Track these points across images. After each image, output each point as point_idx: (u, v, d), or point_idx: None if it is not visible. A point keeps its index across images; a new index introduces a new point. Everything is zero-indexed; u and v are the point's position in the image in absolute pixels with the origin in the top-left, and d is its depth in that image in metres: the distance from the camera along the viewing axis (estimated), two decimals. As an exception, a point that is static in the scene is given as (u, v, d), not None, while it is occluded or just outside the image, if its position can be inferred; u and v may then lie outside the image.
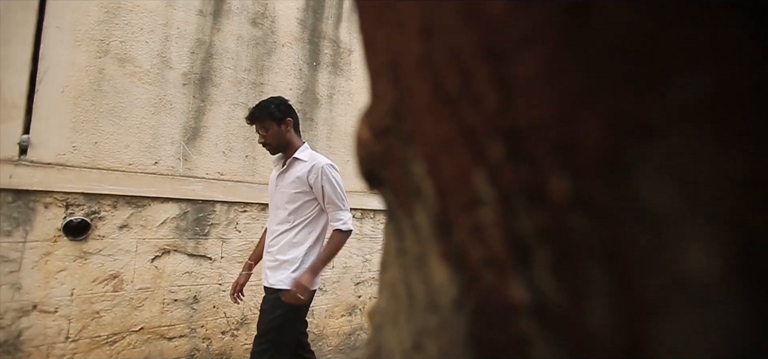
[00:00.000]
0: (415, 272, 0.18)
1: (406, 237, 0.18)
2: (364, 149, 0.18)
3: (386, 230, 0.22)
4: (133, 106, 2.22)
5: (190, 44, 2.45)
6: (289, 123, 1.74)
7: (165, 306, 2.28)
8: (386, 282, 0.22)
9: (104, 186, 2.11)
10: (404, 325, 0.19)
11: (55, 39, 2.03)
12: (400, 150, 0.16)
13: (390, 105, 0.16)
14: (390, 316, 0.21)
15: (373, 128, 0.17)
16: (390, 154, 0.16)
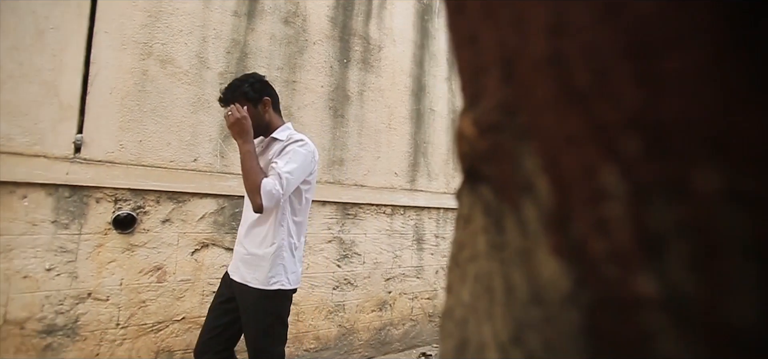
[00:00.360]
0: (517, 266, 0.18)
1: (509, 232, 0.18)
2: (467, 144, 0.18)
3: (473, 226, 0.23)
4: (174, 106, 2.32)
5: (225, 44, 2.53)
6: (266, 102, 1.57)
7: (204, 297, 2.38)
8: (473, 276, 0.23)
9: (148, 182, 2.22)
10: (500, 319, 0.20)
11: (104, 43, 2.15)
12: (510, 145, 0.16)
13: (499, 101, 0.16)
14: (480, 310, 0.21)
15: (478, 124, 0.17)
16: (497, 150, 0.17)
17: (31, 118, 1.96)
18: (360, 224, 3.00)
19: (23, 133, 1.94)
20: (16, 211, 1.93)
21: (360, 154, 3.05)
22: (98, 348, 2.10)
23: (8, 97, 1.92)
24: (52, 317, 2.00)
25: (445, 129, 3.67)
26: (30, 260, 1.95)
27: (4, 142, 1.90)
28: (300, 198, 1.56)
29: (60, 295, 2.01)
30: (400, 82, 3.39)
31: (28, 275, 1.95)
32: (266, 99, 1.58)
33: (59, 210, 2.01)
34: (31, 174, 1.94)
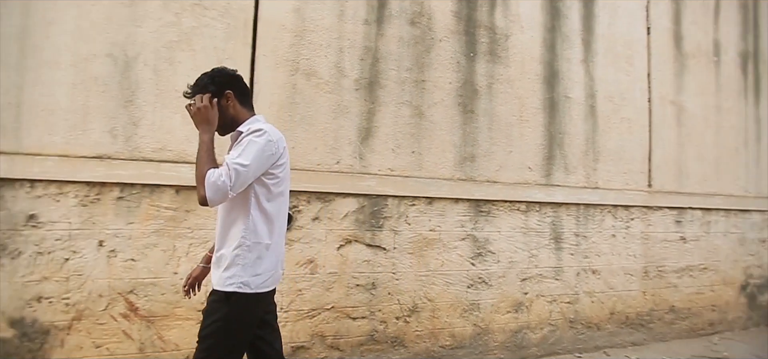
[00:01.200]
0: None
1: None
2: None
3: None
4: (318, 114, 2.56)
5: (359, 52, 2.69)
6: (229, 95, 1.49)
7: (349, 289, 2.57)
8: None
9: (301, 184, 2.49)
10: None
11: (263, 65, 2.49)
12: None
13: None
14: None
15: None
16: None
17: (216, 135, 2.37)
18: (493, 221, 2.89)
19: (211, 146, 2.36)
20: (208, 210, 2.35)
21: (491, 149, 2.94)
22: (268, 328, 2.44)
23: (201, 117, 2.36)
24: (235, 299, 2.39)
25: (583, 117, 3.30)
26: (219, 251, 2.37)
27: (199, 155, 2.34)
28: (268, 193, 1.43)
29: (240, 281, 2.40)
30: (530, 70, 3.16)
31: (218, 263, 2.36)
32: (228, 92, 1.49)
33: (237, 210, 2.40)
34: (217, 180, 2.35)
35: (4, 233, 2.13)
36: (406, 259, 2.69)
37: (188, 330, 2.34)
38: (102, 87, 2.25)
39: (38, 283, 2.17)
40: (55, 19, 2.22)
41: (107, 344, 2.26)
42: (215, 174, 1.30)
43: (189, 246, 2.34)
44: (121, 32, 2.29)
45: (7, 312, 2.14)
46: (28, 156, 2.15)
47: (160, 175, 2.29)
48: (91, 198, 2.22)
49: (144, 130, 2.29)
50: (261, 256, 1.42)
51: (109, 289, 2.25)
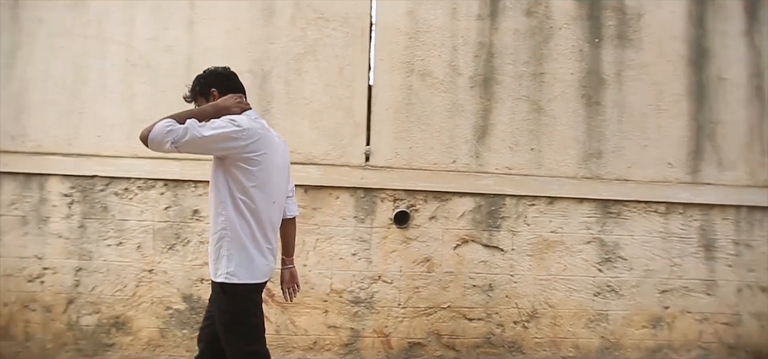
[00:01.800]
0: None
1: None
2: None
3: None
4: (433, 113, 2.58)
5: (473, 49, 2.63)
6: (213, 93, 1.55)
7: (465, 290, 2.54)
8: None
9: (418, 183, 2.53)
10: None
11: (380, 69, 2.59)
12: None
13: None
14: None
15: None
16: None
17: (338, 137, 2.54)
18: (625, 224, 2.59)
19: (334, 148, 2.54)
20: (333, 209, 2.54)
21: (622, 143, 2.64)
22: (386, 322, 2.54)
23: (325, 123, 2.55)
24: (357, 291, 2.54)
25: (743, 101, 2.77)
26: (343, 246, 2.53)
27: (325, 157, 2.53)
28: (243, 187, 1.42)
29: (361, 275, 2.54)
30: (670, 50, 2.75)
31: (342, 257, 2.53)
32: (213, 90, 1.56)
33: (358, 208, 2.54)
34: (340, 179, 2.52)
35: (177, 224, 2.56)
36: (525, 261, 2.56)
37: (315, 318, 2.55)
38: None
39: (201, 267, 2.56)
40: (212, 46, 2.59)
41: (251, 324, 2.57)
42: (170, 122, 1.35)
43: (316, 241, 2.54)
44: (258, 50, 2.59)
45: (180, 289, 2.58)
46: (193, 161, 2.55)
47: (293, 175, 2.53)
48: (239, 196, 2.56)
49: (279, 136, 2.56)
50: (245, 247, 1.44)
51: (252, 276, 2.56)
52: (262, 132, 1.48)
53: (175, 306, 2.58)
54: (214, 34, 2.60)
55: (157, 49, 2.62)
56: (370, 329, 2.54)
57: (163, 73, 2.61)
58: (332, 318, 2.54)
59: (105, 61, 2.63)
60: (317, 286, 2.54)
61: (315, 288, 2.54)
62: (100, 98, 2.58)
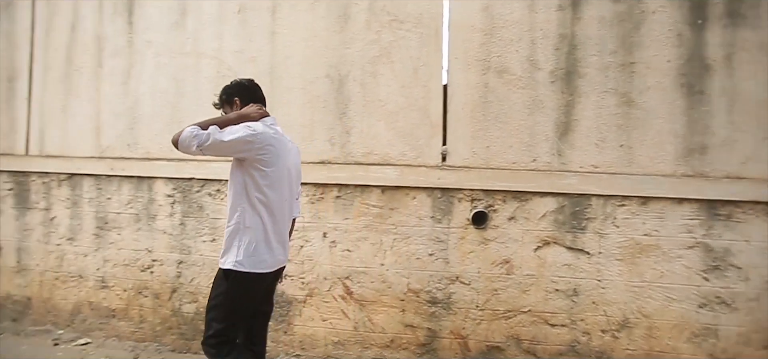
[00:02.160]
0: None
1: None
2: None
3: None
4: (511, 111, 2.49)
5: (553, 41, 2.49)
6: (235, 102, 1.77)
7: (547, 294, 2.43)
8: None
9: (496, 183, 2.46)
10: None
11: (455, 68, 2.55)
12: None
13: None
14: None
15: None
16: None
17: (414, 138, 2.56)
18: (738, 228, 2.30)
19: (410, 149, 2.56)
20: (410, 209, 2.56)
21: (732, 136, 2.34)
22: (464, 324, 2.51)
23: (401, 124, 2.57)
24: (434, 292, 2.54)
25: None
26: (420, 246, 2.55)
27: (401, 157, 2.56)
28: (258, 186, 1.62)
29: (438, 275, 2.53)
30: (793, 27, 2.39)
31: (419, 257, 2.55)
32: (236, 99, 1.78)
33: (435, 208, 2.53)
34: (416, 180, 2.53)
35: (263, 224, 2.75)
36: (614, 266, 2.38)
37: (393, 316, 2.59)
38: (322, 103, 2.68)
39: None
40: (290, 54, 2.74)
41: (330, 319, 2.68)
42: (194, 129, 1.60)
43: (393, 241, 2.58)
44: (335, 55, 2.68)
45: (266, 285, 2.76)
46: (277, 163, 2.73)
47: (368, 176, 2.59)
48: (317, 196, 2.68)
49: (355, 138, 2.63)
50: (254, 241, 1.61)
51: (331, 274, 2.67)
52: (276, 137, 1.68)
53: (262, 299, 2.77)
54: (293, 42, 2.74)
55: (243, 60, 2.82)
56: (447, 330, 2.53)
57: (249, 82, 2.81)
58: (409, 317, 2.57)
59: (199, 75, 2.90)
60: (394, 285, 2.58)
61: (392, 287, 2.59)
62: (195, 108, 2.84)
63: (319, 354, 2.69)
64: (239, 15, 2.84)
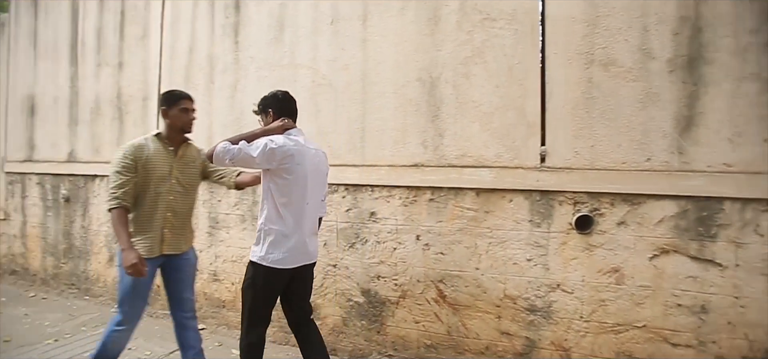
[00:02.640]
0: None
1: None
2: None
3: None
4: (620, 106, 2.28)
5: (671, 26, 2.24)
6: (269, 113, 2.07)
7: (667, 308, 2.18)
8: None
9: (602, 185, 2.28)
10: None
11: (554, 63, 2.41)
12: None
13: None
14: None
15: None
16: None
17: (510, 138, 2.47)
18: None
19: (507, 150, 2.47)
20: (507, 212, 2.47)
21: None
22: (566, 335, 2.36)
23: (496, 124, 2.50)
24: (532, 299, 2.42)
25: None
26: (517, 250, 2.45)
27: (496, 159, 2.49)
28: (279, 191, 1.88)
29: (537, 282, 2.41)
30: None
31: (516, 262, 2.45)
32: (269, 110, 2.07)
33: (533, 211, 2.42)
34: (513, 182, 2.44)
35: (357, 225, 2.86)
36: (758, 282, 2.06)
37: (487, 323, 2.52)
38: (415, 107, 2.71)
39: (377, 265, 2.80)
40: (382, 60, 2.81)
41: (423, 322, 2.70)
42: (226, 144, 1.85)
43: (488, 245, 2.52)
44: (426, 58, 2.69)
45: (360, 284, 2.86)
46: (369, 167, 2.81)
47: (462, 179, 2.56)
48: (410, 199, 2.71)
49: (448, 140, 2.61)
50: (276, 241, 1.88)
51: (424, 276, 2.68)
52: (296, 148, 1.90)
53: (355, 299, 2.88)
54: (384, 48, 2.81)
55: (337, 68, 2.96)
56: (547, 340, 2.40)
57: (341, 89, 2.94)
58: (505, 324, 2.48)
59: (296, 84, 3.10)
60: (490, 291, 2.51)
61: (487, 292, 2.52)
62: (294, 116, 3.04)
63: (411, 355, 2.72)
64: (332, 26, 2.99)
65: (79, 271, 4.31)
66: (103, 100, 4.15)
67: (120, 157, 2.08)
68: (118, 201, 2.02)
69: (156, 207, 2.12)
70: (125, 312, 2.11)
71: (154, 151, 2.14)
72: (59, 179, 4.47)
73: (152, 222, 2.12)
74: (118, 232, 1.98)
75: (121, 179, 2.04)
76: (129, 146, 2.11)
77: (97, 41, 4.21)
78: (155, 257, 2.12)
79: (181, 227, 2.22)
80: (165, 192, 2.14)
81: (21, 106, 4.83)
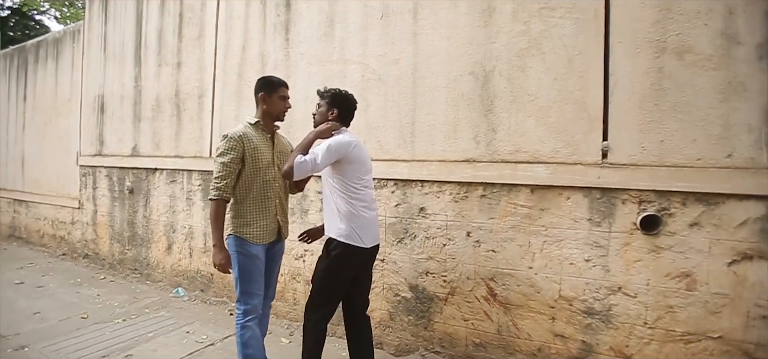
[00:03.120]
0: None
1: None
2: None
3: None
4: (696, 98, 2.11)
5: (763, 6, 2.02)
6: (334, 112, 2.23)
7: (749, 320, 2.00)
8: None
9: (673, 183, 2.12)
10: None
11: (619, 53, 2.26)
12: None
13: None
14: None
15: None
16: None
17: (568, 133, 2.35)
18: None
19: (565, 145, 2.36)
20: (563, 210, 2.37)
21: None
22: (628, 341, 2.22)
23: (553, 119, 2.39)
24: (590, 301, 2.30)
25: None
26: (574, 250, 2.34)
27: (553, 155, 2.38)
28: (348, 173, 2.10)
29: (596, 284, 2.29)
30: None
31: (573, 262, 2.34)
32: (335, 109, 2.22)
33: (592, 210, 2.29)
34: (571, 179, 2.32)
35: (406, 220, 2.85)
36: None
37: (540, 324, 2.44)
38: (467, 101, 2.65)
39: (426, 261, 2.78)
40: (433, 53, 2.77)
41: (472, 320, 2.65)
42: (302, 159, 2.00)
43: (543, 243, 2.42)
44: (479, 51, 2.62)
45: (408, 279, 2.86)
46: (419, 162, 2.79)
47: (516, 175, 2.48)
48: (461, 195, 2.66)
49: (501, 135, 2.54)
50: (357, 220, 2.08)
51: (474, 274, 2.63)
52: (349, 137, 2.13)
53: (402, 294, 2.88)
54: (435, 41, 2.77)
55: (386, 62, 2.96)
56: (606, 345, 2.27)
57: (391, 84, 2.93)
58: (560, 326, 2.38)
59: (345, 80, 3.13)
60: (543, 291, 2.42)
61: (541, 292, 2.43)
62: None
63: (460, 353, 2.68)
64: (382, 20, 2.98)
65: (141, 258, 4.63)
66: (162, 98, 4.42)
67: (227, 146, 2.04)
68: (219, 193, 2.02)
69: (267, 193, 2.15)
70: (249, 303, 2.09)
71: (257, 139, 2.14)
72: (124, 172, 4.82)
73: (266, 209, 2.15)
74: (215, 226, 2.00)
75: (227, 169, 2.03)
76: (235, 135, 2.07)
77: (158, 43, 4.48)
78: (268, 243, 2.16)
79: (286, 213, 2.30)
80: (271, 179, 2.17)
81: (92, 104, 5.25)
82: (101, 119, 5.12)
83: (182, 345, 3.01)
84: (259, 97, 2.22)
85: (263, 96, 2.20)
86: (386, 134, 2.92)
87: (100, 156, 5.12)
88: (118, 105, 4.89)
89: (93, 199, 5.23)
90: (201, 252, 4.06)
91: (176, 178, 4.29)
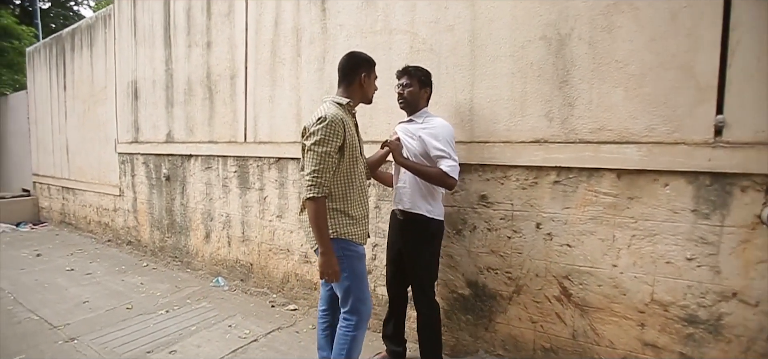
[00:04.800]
0: None
1: None
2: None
3: None
4: None
5: None
6: (427, 90, 2.32)
7: None
8: None
9: (813, 165, 1.69)
10: None
11: (743, 8, 1.80)
12: None
13: None
14: None
15: None
16: None
17: (669, 106, 1.94)
18: None
19: (663, 121, 1.95)
20: (659, 199, 1.98)
21: None
22: (744, 356, 1.85)
23: (648, 89, 1.98)
24: (693, 308, 1.94)
25: None
26: (672, 247, 1.96)
27: (647, 133, 1.98)
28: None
29: (702, 288, 1.92)
30: None
31: (671, 261, 1.97)
32: (428, 88, 2.31)
33: (699, 199, 1.90)
34: (672, 162, 1.93)
35: (464, 209, 2.54)
36: None
37: (626, 330, 2.10)
38: (537, 71, 2.27)
39: (487, 255, 2.47)
40: (495, 17, 2.39)
41: (541, 322, 2.34)
42: (454, 165, 2.07)
43: (631, 237, 2.06)
44: (552, 11, 2.21)
45: (466, 275, 2.57)
46: (479, 144, 2.45)
47: (598, 157, 2.10)
48: (530, 181, 2.31)
49: (580, 110, 2.15)
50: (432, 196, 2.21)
51: (545, 271, 2.30)
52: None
53: (460, 291, 2.60)
54: (497, 3, 2.37)
55: (439, 30, 2.59)
56: (712, 359, 1.91)
57: (445, 54, 2.57)
58: (651, 334, 2.04)
59: (391, 52, 2.80)
60: (631, 292, 2.07)
61: (627, 294, 2.08)
62: (387, 88, 2.75)
63: (526, 357, 2.39)
64: (432, -17, 2.61)
65: (181, 245, 4.58)
66: (194, 81, 4.24)
67: (328, 133, 1.69)
68: (320, 190, 1.69)
69: (363, 187, 1.92)
70: (362, 310, 1.89)
71: (351, 123, 1.87)
72: (160, 159, 4.74)
73: (366, 204, 1.94)
74: (322, 230, 1.69)
75: (328, 162, 1.71)
76: (337, 119, 1.72)
77: (187, 22, 4.28)
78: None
79: None
80: (363, 169, 1.97)
81: (126, 90, 5.17)
82: (135, 105, 5.05)
83: (225, 340, 2.89)
84: (358, 75, 1.93)
85: (365, 76, 1.93)
86: (439, 112, 2.58)
87: (137, 143, 5.07)
88: (151, 90, 4.78)
89: (132, 187, 5.23)
90: (239, 242, 3.93)
91: (211, 164, 4.14)
